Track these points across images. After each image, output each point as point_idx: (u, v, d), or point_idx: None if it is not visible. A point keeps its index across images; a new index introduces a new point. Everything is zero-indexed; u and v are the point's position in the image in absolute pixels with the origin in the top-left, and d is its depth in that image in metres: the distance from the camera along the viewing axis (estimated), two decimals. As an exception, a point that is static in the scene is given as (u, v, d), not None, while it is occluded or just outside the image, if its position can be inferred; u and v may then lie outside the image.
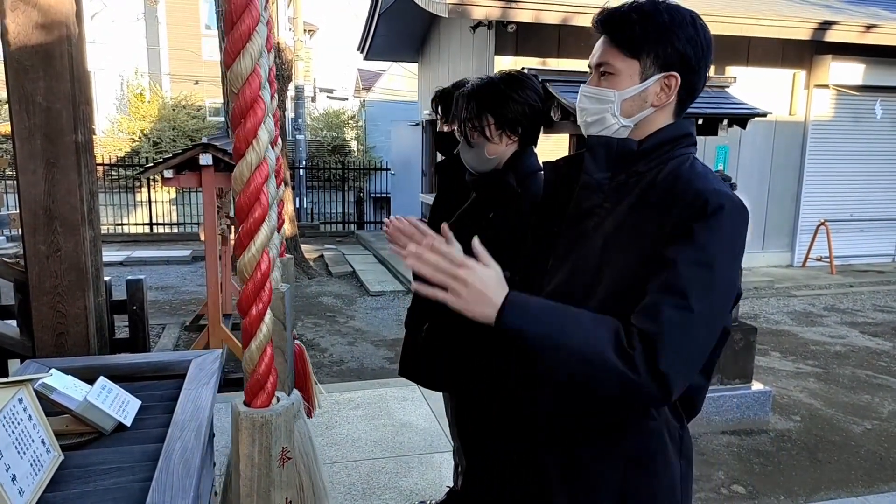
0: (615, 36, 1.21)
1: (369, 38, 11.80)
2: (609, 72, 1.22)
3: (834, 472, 3.43)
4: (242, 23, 1.01)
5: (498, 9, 7.19)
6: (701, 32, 1.20)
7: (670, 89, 1.20)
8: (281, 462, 1.08)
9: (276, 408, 1.08)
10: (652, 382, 1.02)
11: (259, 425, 1.05)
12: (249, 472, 1.06)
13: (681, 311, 1.04)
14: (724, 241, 1.09)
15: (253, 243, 1.04)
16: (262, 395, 1.08)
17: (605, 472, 1.20)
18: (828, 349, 5.70)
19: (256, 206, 1.04)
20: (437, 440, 3.51)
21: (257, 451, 1.06)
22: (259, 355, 1.07)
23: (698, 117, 4.70)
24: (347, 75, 22.90)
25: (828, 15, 8.31)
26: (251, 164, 1.03)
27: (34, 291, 2.12)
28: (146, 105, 15.68)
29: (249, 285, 1.05)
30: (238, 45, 1.01)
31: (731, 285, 1.11)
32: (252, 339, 1.06)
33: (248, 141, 1.03)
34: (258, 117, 1.03)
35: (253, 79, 1.02)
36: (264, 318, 1.07)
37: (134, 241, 12.00)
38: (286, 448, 1.08)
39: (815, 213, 9.13)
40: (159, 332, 5.91)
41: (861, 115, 9.22)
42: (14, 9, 1.99)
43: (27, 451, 1.31)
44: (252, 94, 1.03)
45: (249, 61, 1.02)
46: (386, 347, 5.68)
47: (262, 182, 1.05)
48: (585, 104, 1.26)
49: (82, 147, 2.12)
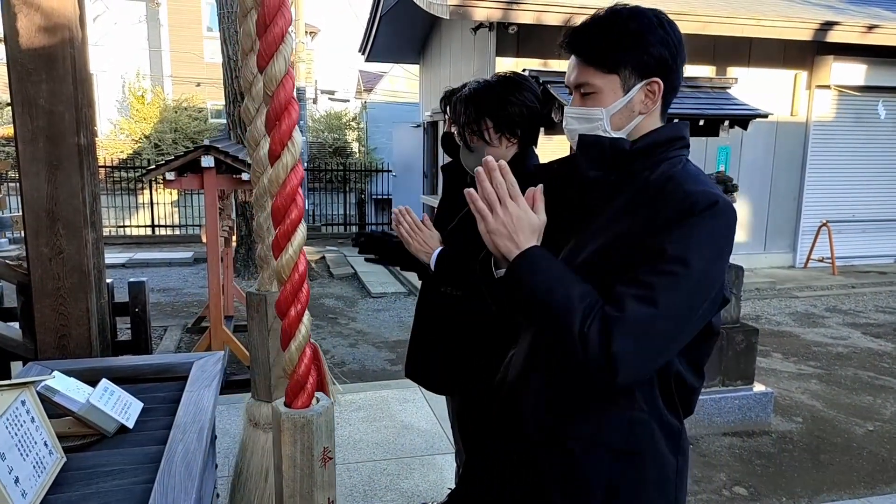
0: (588, 56, 1.22)
1: (370, 39, 11.81)
2: (591, 91, 1.22)
3: (836, 474, 3.42)
4: (276, 25, 1.01)
5: (499, 10, 7.19)
6: (670, 31, 1.20)
7: (655, 94, 1.22)
8: (323, 462, 1.08)
9: (317, 408, 1.09)
10: (602, 362, 1.06)
11: (300, 426, 1.06)
12: (292, 472, 1.07)
13: (644, 304, 1.06)
14: (705, 240, 1.10)
15: (290, 245, 1.05)
16: (303, 395, 1.08)
17: (594, 464, 1.21)
18: (830, 350, 5.69)
19: (293, 207, 1.04)
20: (439, 442, 3.51)
21: (299, 452, 1.07)
22: (298, 356, 1.07)
23: (700, 118, 4.70)
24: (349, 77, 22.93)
25: (829, 15, 8.30)
26: (287, 165, 1.03)
27: (37, 293, 2.13)
28: (147, 107, 15.69)
29: (288, 286, 1.06)
30: (272, 48, 1.01)
31: (709, 284, 1.11)
32: (291, 339, 1.07)
33: (284, 143, 1.03)
34: (293, 119, 1.03)
35: (287, 81, 1.03)
36: (303, 319, 1.07)
37: (136, 243, 12.02)
38: (327, 448, 1.09)
39: (816, 214, 9.12)
40: (161, 335, 5.92)
41: (863, 115, 9.21)
42: (17, 12, 2.00)
43: (30, 454, 1.31)
44: (286, 96, 1.03)
45: (283, 63, 1.02)
46: (387, 349, 5.68)
47: (298, 183, 1.05)
48: (574, 125, 1.26)
49: (85, 149, 2.13)
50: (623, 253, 1.14)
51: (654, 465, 1.22)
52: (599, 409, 1.20)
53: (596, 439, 1.20)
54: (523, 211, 1.16)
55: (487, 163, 1.16)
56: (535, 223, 1.17)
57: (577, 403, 1.22)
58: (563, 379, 1.23)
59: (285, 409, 1.08)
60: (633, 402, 1.19)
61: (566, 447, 1.22)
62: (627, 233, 1.16)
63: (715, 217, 1.11)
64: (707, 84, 5.34)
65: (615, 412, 1.20)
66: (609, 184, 1.24)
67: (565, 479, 1.23)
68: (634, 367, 1.08)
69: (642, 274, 1.09)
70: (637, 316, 1.06)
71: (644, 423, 1.20)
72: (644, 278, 1.08)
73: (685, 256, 1.08)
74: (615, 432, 1.20)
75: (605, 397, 1.19)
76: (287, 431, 1.06)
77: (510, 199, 1.15)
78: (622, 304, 1.07)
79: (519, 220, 1.15)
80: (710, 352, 1.26)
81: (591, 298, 1.10)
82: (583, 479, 1.22)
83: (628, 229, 1.16)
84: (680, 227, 1.10)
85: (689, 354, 1.21)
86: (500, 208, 1.15)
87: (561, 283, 1.12)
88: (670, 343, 1.12)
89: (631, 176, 1.22)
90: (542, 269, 1.13)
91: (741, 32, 7.83)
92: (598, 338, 1.06)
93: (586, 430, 1.21)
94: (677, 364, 1.21)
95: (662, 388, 1.21)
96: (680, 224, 1.10)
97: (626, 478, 1.21)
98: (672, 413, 1.24)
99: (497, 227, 1.15)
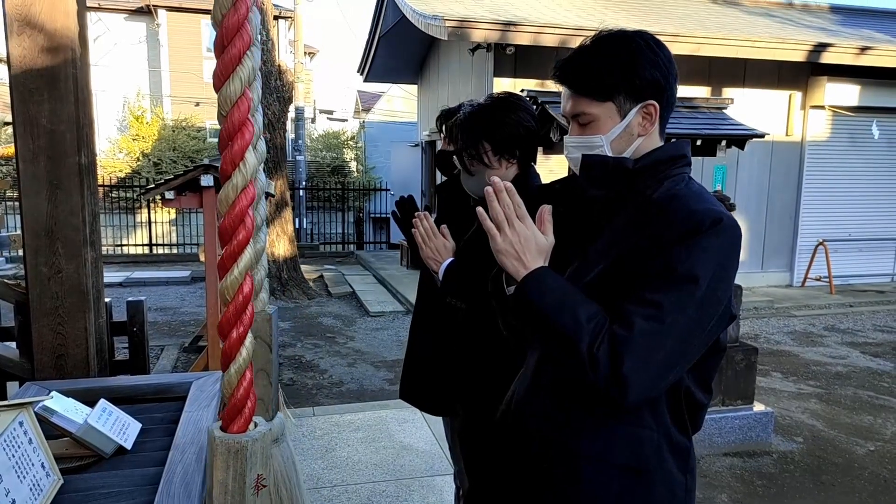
0: (580, 87, 1.23)
1: (369, 60, 11.92)
2: (588, 120, 1.24)
3: (838, 495, 3.39)
4: (233, 46, 1.02)
5: (497, 31, 7.27)
6: (658, 51, 1.22)
7: (652, 116, 1.23)
8: (256, 490, 1.06)
9: (253, 433, 1.06)
10: (612, 382, 1.07)
11: (234, 451, 1.04)
12: (223, 498, 1.04)
13: (652, 322, 1.07)
14: (712, 259, 1.11)
15: (236, 266, 1.03)
16: (240, 420, 1.06)
17: (603, 482, 1.20)
18: (829, 369, 5.68)
19: (241, 228, 1.03)
20: (439, 463, 3.48)
21: (231, 478, 1.04)
22: (238, 379, 1.05)
23: (697, 138, 4.74)
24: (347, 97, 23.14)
25: (823, 37, 8.42)
26: (237, 186, 1.03)
27: (35, 313, 2.12)
28: (146, 126, 15.76)
29: (230, 308, 1.04)
30: (228, 69, 1.02)
31: (716, 302, 1.12)
32: (231, 362, 1.04)
33: (235, 163, 1.03)
34: (246, 140, 1.04)
35: (242, 102, 1.03)
36: (244, 342, 1.05)
37: (133, 261, 12.00)
38: (261, 475, 1.06)
39: (813, 233, 9.16)
40: (158, 354, 5.88)
41: (857, 135, 9.30)
42: (20, 33, 2.02)
43: (27, 475, 1.29)
44: (240, 118, 1.03)
45: (239, 84, 1.03)
46: (386, 368, 5.65)
47: (248, 205, 1.04)
48: (575, 154, 1.28)
49: (85, 169, 2.13)
50: (629, 271, 1.15)
51: (663, 483, 1.21)
52: (607, 427, 1.20)
53: (604, 457, 1.20)
54: (531, 231, 1.18)
55: (496, 183, 1.18)
56: (542, 244, 1.19)
57: (584, 421, 1.22)
58: (571, 397, 1.22)
59: (220, 432, 1.05)
60: (641, 420, 1.19)
61: (574, 465, 1.22)
62: (633, 251, 1.16)
63: (720, 235, 1.12)
64: (704, 104, 5.39)
65: (623, 430, 1.19)
66: (610, 201, 1.25)
67: (573, 498, 1.22)
68: (644, 387, 1.08)
69: (649, 293, 1.10)
70: (646, 335, 1.07)
71: (652, 440, 1.19)
72: (651, 297, 1.09)
73: (692, 274, 1.09)
74: (623, 450, 1.19)
75: (613, 415, 1.19)
76: (220, 456, 1.03)
77: (517, 219, 1.17)
78: (630, 323, 1.08)
79: (526, 240, 1.17)
80: (717, 367, 1.28)
81: (599, 318, 1.11)
82: (591, 497, 1.21)
83: (634, 247, 1.17)
84: (686, 245, 1.11)
85: (697, 370, 1.22)
86: (507, 228, 1.17)
87: (569, 303, 1.12)
88: (679, 361, 1.12)
89: (633, 194, 1.23)
90: (550, 289, 1.14)
91: (736, 54, 7.92)
92: (607, 359, 1.07)
93: (594, 449, 1.20)
94: (686, 380, 1.21)
95: (671, 404, 1.21)
96: (686, 243, 1.11)
97: (634, 496, 1.20)
98: (680, 431, 1.23)
99: (505, 247, 1.17)
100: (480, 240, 2.02)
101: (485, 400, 1.71)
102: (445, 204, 2.33)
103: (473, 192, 2.04)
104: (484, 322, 1.87)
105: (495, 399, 1.48)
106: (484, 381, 1.86)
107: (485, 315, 1.83)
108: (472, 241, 2.02)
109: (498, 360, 1.72)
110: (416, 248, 2.08)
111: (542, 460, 1.26)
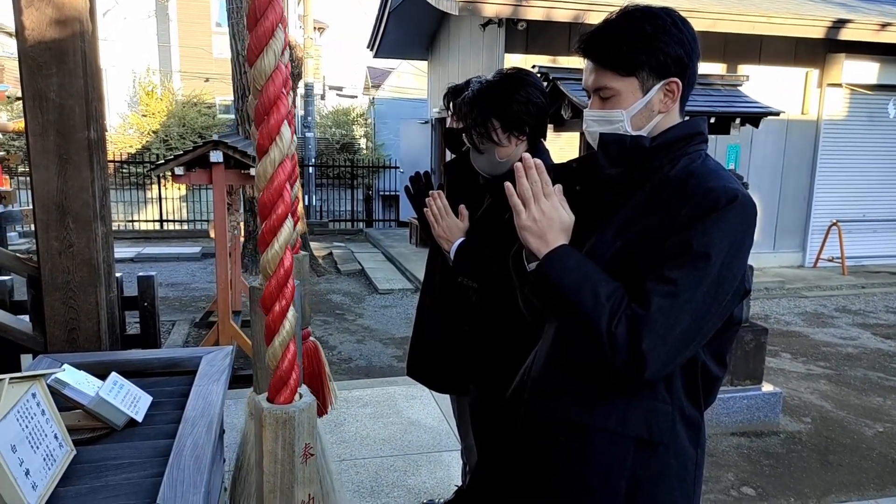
0: (604, 60, 1.22)
1: (379, 35, 11.80)
2: (610, 94, 1.24)
3: (845, 475, 3.40)
4: (266, 19, 1.01)
5: (508, 6, 7.16)
6: (684, 29, 1.21)
7: (674, 94, 1.23)
8: (304, 458, 1.08)
9: (300, 404, 1.09)
10: (630, 359, 1.09)
11: (283, 422, 1.06)
12: (273, 468, 1.07)
13: (669, 299, 1.09)
14: (727, 236, 1.11)
15: (276, 240, 1.04)
16: (286, 391, 1.08)
17: (617, 455, 1.21)
18: (839, 351, 5.65)
19: (280, 202, 1.04)
20: (446, 439, 3.51)
21: (281, 448, 1.06)
22: (282, 352, 1.07)
23: (711, 115, 4.67)
24: (357, 73, 22.89)
25: (841, 13, 8.23)
26: (274, 160, 1.03)
27: (46, 287, 2.14)
28: (156, 102, 15.73)
29: (272, 282, 1.05)
30: (262, 42, 1.01)
31: (732, 277, 1.13)
32: (275, 335, 1.06)
33: (272, 137, 1.03)
34: (281, 114, 1.03)
35: (276, 75, 1.02)
36: (287, 315, 1.07)
37: (144, 237, 12.07)
38: (309, 444, 1.08)
39: (827, 213, 9.06)
40: (169, 329, 5.94)
41: (874, 114, 9.14)
42: (29, 6, 2.01)
43: (40, 446, 1.31)
44: (276, 91, 1.02)
45: (273, 58, 1.02)
46: (394, 346, 5.68)
47: (286, 179, 1.04)
48: (595, 128, 1.27)
49: (95, 144, 2.13)
50: (646, 249, 1.16)
51: (676, 456, 1.23)
52: (622, 401, 1.21)
53: (619, 430, 1.21)
54: (555, 209, 1.19)
55: (526, 159, 1.19)
56: (565, 222, 1.20)
57: (599, 395, 1.22)
58: (586, 372, 1.23)
59: (267, 404, 1.08)
60: (657, 393, 1.20)
61: (589, 439, 1.23)
62: (650, 229, 1.17)
63: (736, 211, 1.13)
64: (719, 82, 5.31)
65: (638, 403, 1.20)
66: (627, 180, 1.25)
67: (588, 472, 1.23)
68: (662, 363, 1.10)
69: (667, 270, 1.11)
70: (663, 313, 1.08)
71: (667, 413, 1.21)
72: (669, 274, 1.10)
73: (709, 252, 1.10)
74: (638, 423, 1.20)
75: (628, 389, 1.20)
76: (269, 427, 1.06)
77: (544, 197, 1.18)
78: (648, 301, 1.09)
79: (550, 218, 1.18)
80: (733, 341, 1.29)
81: (617, 296, 1.12)
82: (606, 470, 1.22)
83: (651, 225, 1.17)
84: (703, 222, 1.11)
85: (712, 344, 1.23)
86: (533, 205, 1.18)
87: (588, 281, 1.13)
88: (696, 337, 1.13)
89: (650, 172, 1.23)
90: (571, 267, 1.15)
91: (752, 30, 7.77)
92: (626, 336, 1.09)
93: (609, 422, 1.22)
94: (701, 355, 1.22)
95: (685, 378, 1.22)
96: (703, 220, 1.12)
97: (648, 469, 1.21)
98: (693, 405, 1.24)
99: (529, 223, 1.18)
100: (490, 218, 2.02)
101: (498, 379, 1.72)
102: (453, 182, 2.30)
103: (482, 170, 2.02)
104: (496, 301, 1.87)
105: (508, 377, 1.48)
106: (496, 360, 1.86)
107: (496, 294, 1.82)
108: (482, 220, 2.01)
109: (510, 338, 1.72)
110: (426, 224, 2.06)
111: (557, 433, 1.26)
